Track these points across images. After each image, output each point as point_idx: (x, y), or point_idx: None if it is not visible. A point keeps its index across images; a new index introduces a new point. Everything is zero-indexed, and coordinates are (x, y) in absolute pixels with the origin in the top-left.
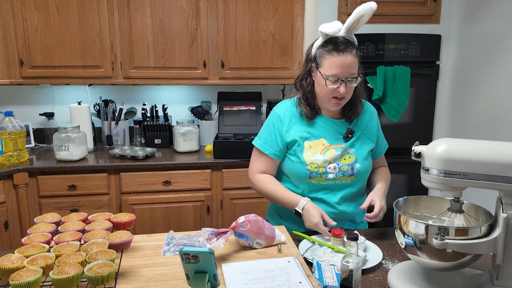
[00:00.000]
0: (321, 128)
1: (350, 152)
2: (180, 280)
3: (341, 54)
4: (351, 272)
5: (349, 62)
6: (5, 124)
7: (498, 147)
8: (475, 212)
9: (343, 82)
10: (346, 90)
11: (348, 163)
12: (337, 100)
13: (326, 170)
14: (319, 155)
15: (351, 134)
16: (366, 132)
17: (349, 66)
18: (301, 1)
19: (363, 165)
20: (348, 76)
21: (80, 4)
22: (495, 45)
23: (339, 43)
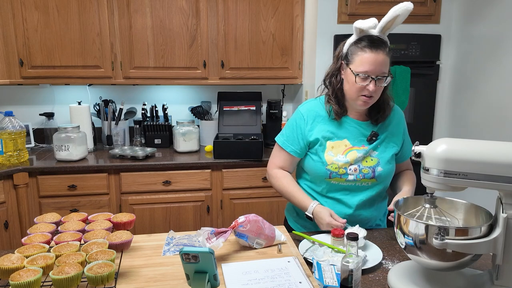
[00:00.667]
0: (345, 129)
1: (372, 154)
2: (180, 280)
3: (374, 51)
4: (351, 272)
5: (381, 60)
6: (5, 124)
7: (498, 147)
8: (475, 212)
9: (373, 80)
10: (376, 89)
11: (370, 165)
12: (366, 99)
13: (346, 171)
14: (341, 156)
15: (375, 137)
16: (391, 136)
17: (381, 64)
18: (301, 1)
19: (385, 169)
20: (379, 74)
21: (80, 4)
22: (495, 45)
23: (373, 40)
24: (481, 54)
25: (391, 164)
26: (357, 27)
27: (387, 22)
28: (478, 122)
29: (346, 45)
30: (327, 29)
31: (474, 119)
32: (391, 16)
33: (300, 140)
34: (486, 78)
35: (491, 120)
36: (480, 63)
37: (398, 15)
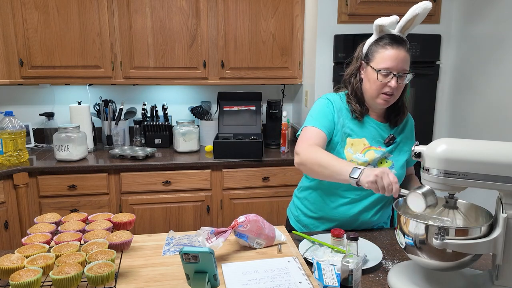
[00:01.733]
0: (365, 128)
1: (388, 157)
2: (180, 280)
3: (395, 47)
4: (351, 272)
5: (403, 56)
6: (5, 124)
7: (498, 147)
8: (475, 212)
9: (395, 77)
10: (397, 86)
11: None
12: (386, 97)
13: None
14: (360, 154)
15: (392, 140)
16: (406, 141)
17: (402, 61)
18: (301, 1)
19: (398, 173)
20: (400, 71)
21: (80, 4)
22: (495, 45)
23: (394, 37)
24: (481, 54)
25: (403, 169)
26: (378, 24)
27: (406, 21)
28: (478, 122)
29: (366, 45)
30: (327, 29)
31: (474, 119)
32: (411, 15)
33: (331, 119)
34: (486, 78)
35: (491, 120)
36: (480, 63)
37: (417, 14)
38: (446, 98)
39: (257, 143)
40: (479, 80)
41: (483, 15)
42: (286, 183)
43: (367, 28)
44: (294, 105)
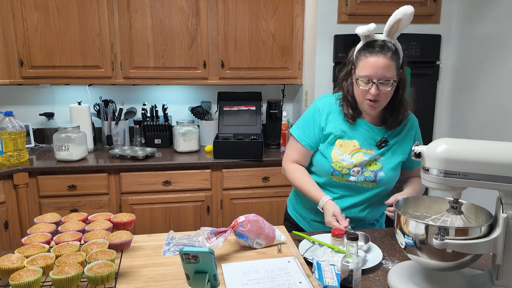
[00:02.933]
0: (357, 130)
1: (378, 160)
2: (180, 280)
3: (374, 55)
4: (351, 272)
5: (382, 64)
6: (5, 124)
7: (498, 147)
8: (475, 212)
9: (374, 84)
10: (379, 93)
11: (373, 169)
12: (370, 103)
13: (349, 172)
14: (347, 156)
15: (384, 144)
16: (401, 144)
17: (382, 68)
18: (301, 1)
19: (387, 175)
20: (380, 78)
21: (80, 4)
22: (495, 45)
23: (374, 45)
24: (481, 54)
25: (395, 171)
26: (357, 33)
27: (391, 26)
28: (478, 122)
29: (356, 50)
30: (327, 29)
31: (474, 119)
32: (393, 21)
33: (316, 133)
34: (486, 78)
35: (491, 120)
36: (480, 63)
37: (399, 19)
38: (446, 98)
39: (257, 143)
40: (479, 80)
41: (483, 15)
42: (286, 183)
43: None
44: (294, 105)
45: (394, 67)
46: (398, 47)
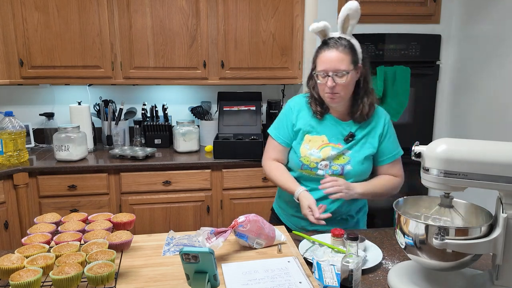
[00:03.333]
0: (325, 126)
1: (345, 153)
2: (180, 280)
3: (328, 49)
4: (351, 272)
5: (335, 56)
6: (5, 124)
7: (498, 147)
8: (475, 212)
9: (330, 77)
10: (336, 86)
11: (340, 163)
12: (330, 95)
13: (317, 166)
14: (315, 150)
15: (351, 138)
16: (369, 137)
17: (335, 61)
18: (301, 1)
19: (355, 168)
20: (334, 71)
21: (80, 4)
22: (495, 45)
23: (329, 42)
24: (481, 54)
25: (363, 164)
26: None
27: (341, 23)
28: (478, 122)
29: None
30: None
31: (474, 119)
32: (342, 17)
33: (290, 130)
34: (486, 78)
35: (491, 120)
36: (480, 63)
37: (347, 14)
38: (446, 98)
39: (257, 143)
40: (479, 80)
41: (483, 15)
42: None
43: (367, 28)
44: None
45: (348, 60)
46: (354, 42)
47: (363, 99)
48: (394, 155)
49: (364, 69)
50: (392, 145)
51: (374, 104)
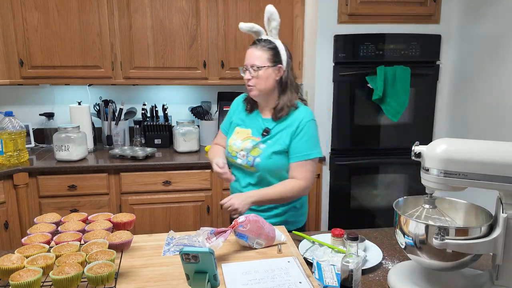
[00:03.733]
0: (252, 121)
1: (260, 147)
2: (180, 280)
3: (251, 47)
4: (351, 272)
5: (253, 53)
6: (5, 124)
7: (498, 147)
8: (475, 212)
9: (248, 70)
10: (252, 79)
11: (253, 155)
12: (248, 87)
13: (236, 155)
14: (238, 141)
15: (266, 133)
16: (283, 134)
17: (253, 56)
18: (301, 1)
19: (263, 162)
20: (251, 65)
21: (80, 4)
22: (495, 45)
23: (256, 41)
24: (481, 54)
25: (270, 159)
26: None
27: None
28: (478, 122)
29: None
30: (327, 29)
31: (474, 119)
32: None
33: (228, 122)
34: (486, 78)
35: (491, 120)
36: (480, 63)
37: (267, 17)
38: (446, 98)
39: None
40: (479, 80)
41: (483, 14)
42: None
43: (367, 28)
44: None
45: (264, 58)
46: (278, 45)
47: (280, 98)
48: (302, 156)
49: (286, 71)
50: (304, 145)
51: (295, 105)
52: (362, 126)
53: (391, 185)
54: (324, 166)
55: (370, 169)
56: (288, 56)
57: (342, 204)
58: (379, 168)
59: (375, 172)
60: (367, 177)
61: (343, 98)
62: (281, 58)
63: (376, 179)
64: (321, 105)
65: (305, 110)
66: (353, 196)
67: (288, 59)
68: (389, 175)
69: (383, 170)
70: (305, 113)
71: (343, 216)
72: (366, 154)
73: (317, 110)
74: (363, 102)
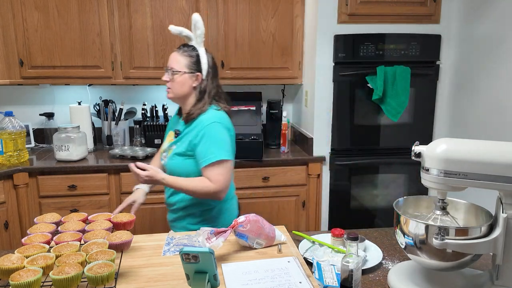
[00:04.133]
0: (175, 124)
1: (172, 148)
2: (180, 280)
3: (173, 51)
4: (351, 272)
5: (174, 56)
6: (5, 124)
7: (498, 147)
8: (475, 212)
9: (167, 72)
10: (169, 81)
11: (167, 156)
12: (166, 89)
13: (161, 156)
14: (165, 143)
15: (176, 135)
16: (188, 137)
17: (172, 60)
18: (301, 1)
19: (168, 162)
20: (170, 68)
21: (80, 4)
22: (495, 45)
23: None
24: (481, 54)
25: (172, 160)
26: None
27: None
28: (478, 122)
29: None
30: (327, 29)
31: (474, 119)
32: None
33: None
34: (486, 78)
35: (491, 120)
36: (480, 63)
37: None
38: (446, 98)
39: (257, 143)
40: (479, 80)
41: (483, 15)
42: (286, 183)
43: (367, 28)
44: (294, 105)
45: (183, 63)
46: (200, 53)
47: (195, 105)
48: (207, 159)
49: (206, 80)
50: (207, 149)
51: (205, 112)
52: (362, 126)
53: (391, 185)
54: (324, 166)
55: (370, 169)
56: (210, 66)
57: (342, 204)
58: (379, 168)
59: (375, 172)
60: (367, 177)
61: (343, 98)
62: (201, 66)
63: (376, 179)
64: (321, 105)
65: (209, 113)
66: (353, 196)
67: (210, 69)
68: (389, 175)
69: (383, 170)
70: (208, 116)
71: (343, 216)
72: (366, 154)
73: (317, 110)
74: (363, 102)
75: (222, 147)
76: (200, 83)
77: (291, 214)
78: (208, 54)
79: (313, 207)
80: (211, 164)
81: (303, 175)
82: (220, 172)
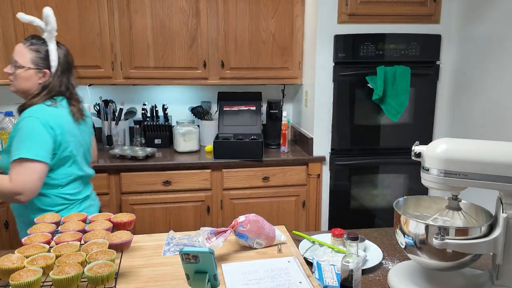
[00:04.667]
0: None
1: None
2: (180, 280)
3: (20, 41)
4: (351, 272)
5: (19, 48)
6: (5, 124)
7: (498, 147)
8: (475, 212)
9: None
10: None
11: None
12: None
13: None
14: None
15: None
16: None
17: (17, 53)
18: (301, 1)
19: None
20: (13, 60)
21: (80, 4)
22: (495, 45)
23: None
24: (481, 54)
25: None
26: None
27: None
28: (478, 122)
29: None
30: (327, 29)
31: (474, 119)
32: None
33: None
34: (486, 78)
35: (491, 120)
36: (480, 63)
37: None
38: (446, 98)
39: (257, 143)
40: (479, 80)
41: (483, 15)
42: (286, 183)
43: (367, 28)
44: (294, 105)
45: (29, 58)
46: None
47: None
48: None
49: (52, 78)
50: (15, 145)
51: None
52: (362, 126)
53: (391, 185)
54: (324, 166)
55: (370, 169)
56: (61, 62)
57: (342, 204)
58: (379, 168)
59: (375, 172)
60: (367, 177)
61: (343, 98)
62: (50, 63)
63: (376, 179)
64: (321, 105)
65: (33, 108)
66: (353, 196)
67: (60, 66)
68: (389, 175)
69: (383, 170)
70: (29, 110)
71: (343, 216)
72: (366, 154)
73: (317, 110)
74: (363, 102)
75: (29, 145)
76: (47, 80)
77: (291, 214)
78: (60, 50)
79: (313, 207)
80: (14, 162)
81: (303, 175)
82: (20, 171)
